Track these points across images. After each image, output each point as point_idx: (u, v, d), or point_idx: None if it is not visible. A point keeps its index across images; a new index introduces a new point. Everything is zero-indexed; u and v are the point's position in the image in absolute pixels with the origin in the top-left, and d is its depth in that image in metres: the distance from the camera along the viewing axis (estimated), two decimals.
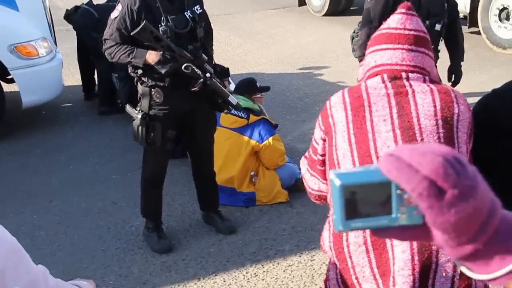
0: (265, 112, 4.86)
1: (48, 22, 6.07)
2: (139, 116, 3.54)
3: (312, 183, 2.17)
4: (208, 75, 3.44)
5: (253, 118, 4.50)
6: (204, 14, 3.65)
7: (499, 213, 0.71)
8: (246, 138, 4.46)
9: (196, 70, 3.40)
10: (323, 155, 2.05)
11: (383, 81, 1.92)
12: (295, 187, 4.44)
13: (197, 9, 3.53)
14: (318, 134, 2.06)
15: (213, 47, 3.87)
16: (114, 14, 3.48)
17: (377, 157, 1.82)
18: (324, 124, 2.01)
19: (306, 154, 2.19)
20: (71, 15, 6.76)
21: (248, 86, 4.82)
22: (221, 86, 3.56)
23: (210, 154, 3.92)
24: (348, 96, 1.95)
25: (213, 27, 3.91)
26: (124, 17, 3.40)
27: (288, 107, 6.45)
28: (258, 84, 4.86)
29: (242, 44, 9.16)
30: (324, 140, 2.02)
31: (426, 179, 0.67)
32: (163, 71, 3.37)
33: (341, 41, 8.71)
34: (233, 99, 3.63)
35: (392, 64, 1.93)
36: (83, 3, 6.83)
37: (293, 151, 5.11)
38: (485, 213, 0.69)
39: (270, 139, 4.45)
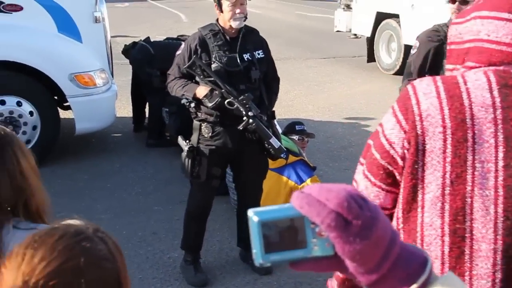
0: (305, 155, 4.96)
1: (107, 55, 6.37)
2: (187, 148, 3.70)
3: (371, 193, 1.57)
4: (251, 114, 3.57)
5: (292, 158, 4.60)
6: (266, 60, 3.79)
7: (399, 242, 0.79)
8: (284, 178, 4.54)
9: (240, 108, 3.54)
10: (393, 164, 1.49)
11: (490, 87, 1.37)
12: None
13: (258, 53, 3.72)
14: (398, 138, 1.45)
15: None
16: (178, 51, 3.72)
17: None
18: (409, 123, 1.43)
19: (362, 159, 1.63)
20: (129, 50, 7.09)
21: (290, 126, 4.99)
22: (264, 127, 3.66)
23: (256, 196, 3.98)
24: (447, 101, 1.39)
25: None
26: (184, 53, 3.65)
27: (332, 155, 6.53)
28: (301, 128, 5.01)
29: (290, 90, 9.34)
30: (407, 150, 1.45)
31: (333, 212, 0.74)
32: (209, 105, 3.54)
33: (390, 95, 8.79)
34: (275, 142, 3.71)
35: None
36: (140, 39, 7.17)
37: None
38: (387, 241, 0.77)
39: (308, 180, 4.53)
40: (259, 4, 22.87)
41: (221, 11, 3.61)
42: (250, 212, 0.77)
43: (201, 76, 3.58)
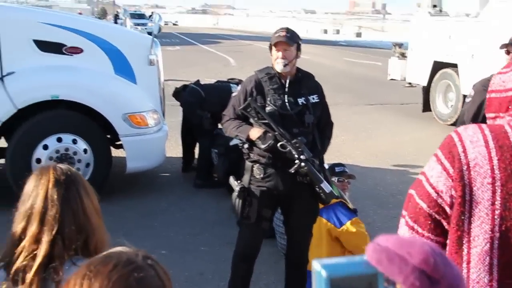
0: (346, 198, 4.90)
1: (160, 96, 6.56)
2: (238, 188, 3.75)
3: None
4: (303, 157, 3.59)
5: (332, 201, 4.57)
6: (320, 105, 3.83)
7: None
8: (324, 220, 4.50)
9: (292, 151, 3.58)
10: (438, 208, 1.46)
11: None
12: None
13: (313, 98, 3.77)
14: (446, 186, 1.42)
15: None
16: (234, 92, 3.82)
17: None
18: (455, 172, 1.40)
19: (403, 211, 1.60)
20: (179, 93, 7.28)
21: (329, 168, 4.96)
22: (316, 172, 3.65)
23: (305, 241, 3.95)
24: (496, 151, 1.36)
25: None
26: (240, 95, 3.75)
27: (380, 202, 6.47)
28: (341, 169, 4.99)
29: (338, 135, 9.34)
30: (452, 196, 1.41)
31: (417, 269, 0.67)
32: (262, 147, 3.60)
33: (439, 143, 8.70)
34: (326, 186, 3.69)
35: None
36: (191, 82, 7.37)
37: None
38: None
39: (348, 223, 4.47)
40: (308, 50, 23.17)
41: (271, 55, 3.72)
42: (317, 265, 0.71)
43: (255, 118, 3.65)
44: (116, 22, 31.85)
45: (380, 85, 15.89)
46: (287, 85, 3.70)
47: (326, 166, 5.28)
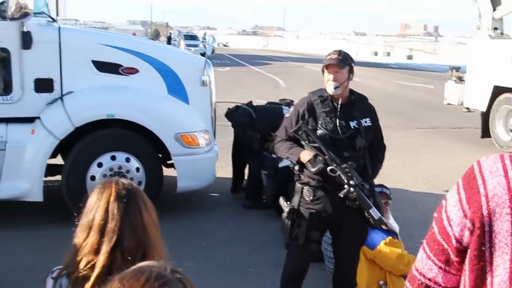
0: (387, 220, 4.77)
1: (211, 117, 6.66)
2: (287, 209, 3.77)
3: (425, 266, 1.55)
4: (352, 182, 3.57)
5: None
6: (372, 129, 3.81)
7: None
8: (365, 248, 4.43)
9: (342, 175, 3.57)
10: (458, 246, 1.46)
11: None
12: None
13: (365, 121, 3.76)
14: (457, 216, 1.45)
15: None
16: (287, 114, 3.85)
17: None
18: (473, 204, 1.41)
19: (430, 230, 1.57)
20: (231, 114, 7.36)
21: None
22: (365, 197, 3.62)
23: (353, 264, 3.92)
24: None
25: None
26: (292, 117, 3.78)
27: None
28: (379, 190, 4.90)
29: (388, 159, 9.15)
30: (471, 232, 1.41)
31: None
32: (312, 170, 3.60)
33: None
34: (375, 213, 3.64)
35: None
36: (243, 103, 7.45)
37: None
38: None
39: (382, 243, 4.40)
40: (358, 73, 23.00)
41: (323, 77, 3.73)
42: None
43: (306, 141, 3.67)
44: (169, 43, 32.56)
45: (432, 109, 15.66)
46: (339, 108, 3.71)
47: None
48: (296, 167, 3.72)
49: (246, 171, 7.19)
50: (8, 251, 5.27)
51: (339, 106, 3.71)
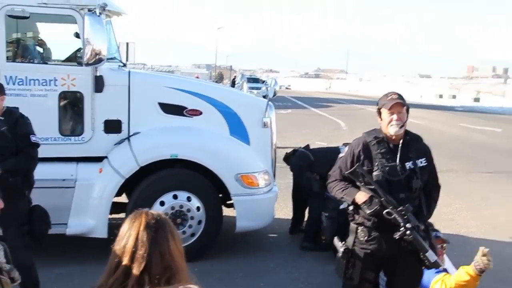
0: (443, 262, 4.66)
1: (272, 158, 6.77)
2: (342, 249, 3.80)
3: None
4: (409, 225, 3.58)
5: None
6: (428, 169, 3.81)
7: None
8: None
9: (398, 218, 3.58)
10: None
11: None
12: None
13: (421, 162, 3.77)
14: None
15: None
16: (342, 154, 3.92)
17: None
18: None
19: None
20: (289, 157, 7.46)
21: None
22: (421, 240, 3.62)
23: None
24: None
25: None
26: (347, 157, 3.83)
27: (501, 276, 6.14)
28: (433, 234, 4.81)
29: (451, 203, 9.08)
30: None
31: None
32: (367, 212, 3.65)
33: None
34: (431, 255, 3.64)
35: None
36: (300, 147, 7.55)
37: None
38: None
39: (432, 283, 4.31)
40: (422, 115, 22.86)
41: (381, 118, 3.76)
42: None
43: (362, 183, 3.71)
44: (233, 86, 33.13)
45: (499, 152, 15.25)
46: (398, 150, 3.73)
47: (445, 237, 5.11)
48: (351, 208, 3.77)
49: (306, 212, 7.23)
50: (76, 283, 5.48)
51: (397, 147, 3.73)
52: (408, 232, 3.58)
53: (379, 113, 3.78)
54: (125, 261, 1.91)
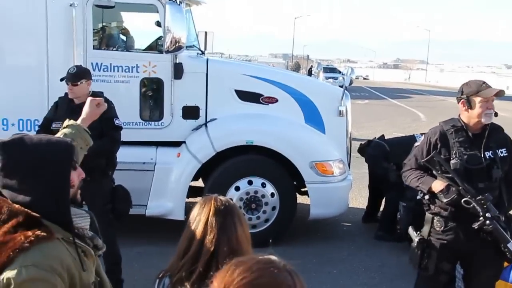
0: None
1: (347, 147, 6.75)
2: (417, 239, 3.75)
3: None
4: (488, 215, 3.49)
5: None
6: (509, 159, 3.68)
7: None
8: (502, 282, 4.19)
9: (477, 207, 3.49)
10: None
11: None
12: None
13: (501, 152, 3.65)
14: None
15: None
16: (417, 143, 3.85)
17: None
18: None
19: None
20: (364, 149, 7.40)
21: None
22: (502, 230, 3.52)
23: None
24: None
25: None
26: (423, 146, 3.76)
27: None
28: None
29: None
30: None
31: None
32: (444, 201, 3.57)
33: None
34: None
35: None
36: (375, 137, 7.46)
37: None
38: None
39: None
40: (508, 107, 21.87)
41: (470, 107, 3.62)
42: None
43: (439, 171, 3.65)
44: (309, 75, 33.01)
45: None
46: (475, 139, 3.65)
47: None
48: (426, 197, 3.71)
49: (382, 202, 7.16)
50: (147, 265, 5.70)
51: (477, 136, 3.64)
52: (487, 222, 3.49)
53: (469, 101, 3.63)
54: (195, 245, 1.98)
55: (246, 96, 6.45)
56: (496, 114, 3.63)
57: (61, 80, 4.93)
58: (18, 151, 1.86)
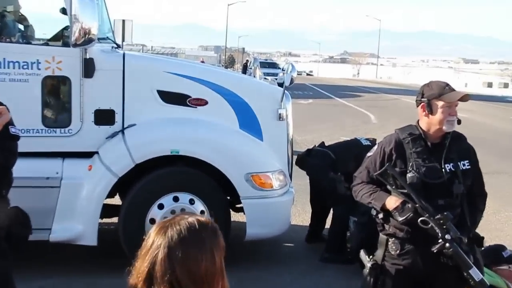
0: None
1: (288, 155, 6.73)
2: (369, 264, 3.76)
3: None
4: (448, 237, 3.51)
5: None
6: (472, 173, 3.73)
7: None
8: None
9: (436, 228, 3.51)
10: None
11: None
12: None
13: (463, 164, 3.68)
14: None
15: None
16: (370, 153, 3.86)
17: None
18: None
19: None
20: (304, 159, 7.36)
21: (492, 254, 4.71)
22: (463, 255, 3.54)
23: None
24: None
25: None
26: (376, 157, 3.77)
27: None
28: (505, 253, 4.76)
29: (500, 210, 9.02)
30: None
31: None
32: (399, 219, 3.58)
33: None
34: (476, 273, 3.54)
35: None
36: (315, 145, 7.50)
37: None
38: None
39: None
40: (466, 107, 22.56)
41: (431, 112, 3.62)
42: None
43: (393, 186, 3.66)
44: (245, 72, 33.16)
45: None
46: (434, 149, 3.68)
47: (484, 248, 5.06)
48: (380, 216, 3.72)
49: (328, 219, 7.19)
50: None
51: (436, 146, 3.67)
52: (447, 244, 3.50)
53: (429, 105, 3.64)
54: (156, 273, 1.87)
55: (171, 97, 6.34)
56: (459, 122, 3.66)
57: None
58: None
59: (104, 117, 6.15)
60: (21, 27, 6.60)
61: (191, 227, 1.93)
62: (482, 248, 5.11)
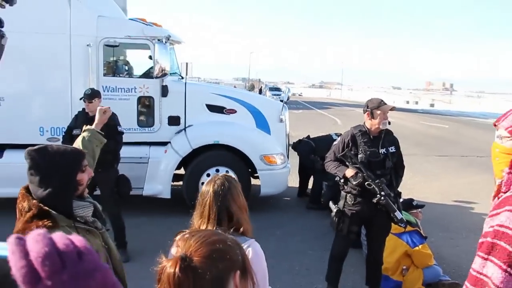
0: (420, 226, 4.60)
1: (286, 144, 6.65)
2: (335, 210, 3.69)
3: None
4: (383, 193, 3.45)
5: (409, 228, 4.31)
6: (396, 154, 3.64)
7: None
8: (402, 241, 4.26)
9: (375, 188, 3.45)
10: None
11: None
12: (436, 286, 4.08)
13: (391, 149, 3.61)
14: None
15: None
16: (335, 142, 3.77)
17: None
18: None
19: (484, 255, 1.24)
20: (296, 146, 7.27)
21: (407, 203, 4.72)
22: (391, 203, 3.49)
23: (380, 248, 3.79)
24: None
25: None
26: (339, 144, 3.68)
27: (442, 227, 5.99)
28: (414, 203, 4.72)
29: (413, 176, 8.85)
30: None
31: (26, 266, 0.47)
32: (353, 183, 3.51)
33: (489, 185, 7.89)
34: (398, 214, 3.51)
35: None
36: (304, 137, 7.41)
37: (441, 259, 4.71)
38: None
39: (420, 246, 4.20)
40: (394, 115, 22.35)
41: (372, 117, 3.54)
42: None
43: (350, 163, 3.59)
44: (260, 93, 33.05)
45: (447, 142, 14.87)
46: (374, 140, 3.61)
47: (402, 200, 4.99)
48: (342, 181, 3.65)
49: (310, 182, 7.10)
50: (144, 231, 5.50)
51: (375, 138, 3.59)
52: (382, 198, 3.45)
53: (372, 113, 3.52)
54: (206, 210, 1.87)
55: (214, 108, 6.26)
56: (389, 123, 3.59)
57: (80, 99, 4.72)
58: (39, 156, 1.68)
59: (174, 120, 6.10)
60: (125, 67, 6.57)
61: (226, 177, 1.96)
62: (401, 200, 5.05)
